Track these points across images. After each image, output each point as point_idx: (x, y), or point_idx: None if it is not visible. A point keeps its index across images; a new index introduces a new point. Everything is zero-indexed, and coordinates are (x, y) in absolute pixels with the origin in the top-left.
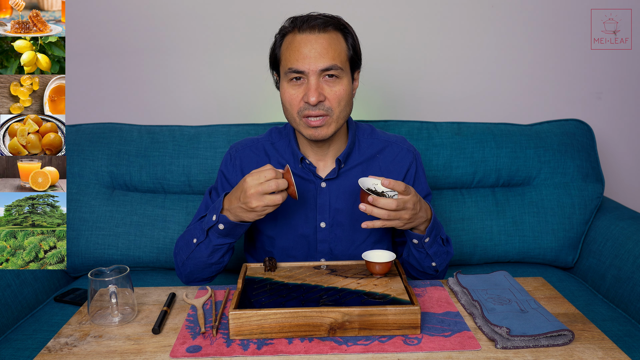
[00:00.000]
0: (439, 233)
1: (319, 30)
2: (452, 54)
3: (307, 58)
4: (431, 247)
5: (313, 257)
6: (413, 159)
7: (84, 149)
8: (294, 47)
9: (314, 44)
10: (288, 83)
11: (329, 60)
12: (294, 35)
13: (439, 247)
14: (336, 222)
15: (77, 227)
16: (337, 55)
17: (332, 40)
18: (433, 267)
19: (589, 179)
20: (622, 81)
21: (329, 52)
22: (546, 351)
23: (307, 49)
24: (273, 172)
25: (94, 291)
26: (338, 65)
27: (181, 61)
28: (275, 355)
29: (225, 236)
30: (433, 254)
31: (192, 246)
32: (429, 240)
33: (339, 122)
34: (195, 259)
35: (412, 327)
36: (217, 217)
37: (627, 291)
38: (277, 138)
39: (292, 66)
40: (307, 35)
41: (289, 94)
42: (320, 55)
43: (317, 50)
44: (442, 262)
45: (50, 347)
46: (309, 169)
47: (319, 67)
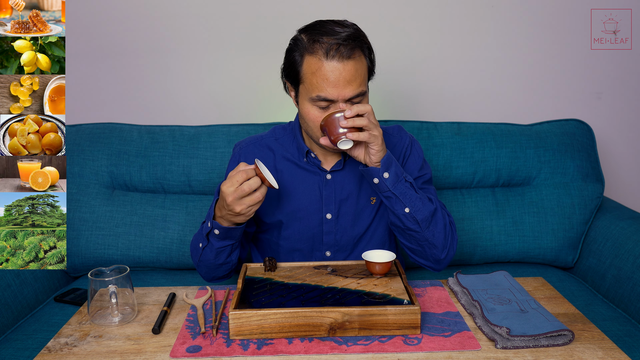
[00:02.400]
0: (401, 173)
1: (347, 58)
2: (452, 54)
3: (337, 87)
4: (395, 186)
5: (318, 249)
6: (409, 143)
7: (84, 149)
8: (322, 75)
9: (343, 72)
10: (312, 105)
11: (356, 87)
12: (320, 61)
13: (407, 189)
14: (342, 213)
15: (77, 227)
16: (362, 81)
17: (358, 66)
18: (409, 215)
19: (589, 179)
20: (622, 81)
21: (357, 79)
22: (546, 351)
23: (335, 78)
24: (244, 173)
25: (94, 291)
26: (364, 90)
27: (181, 61)
28: (275, 355)
29: (223, 239)
30: (401, 195)
31: (200, 250)
32: (389, 176)
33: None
34: (205, 262)
35: (412, 327)
36: (211, 223)
37: (627, 291)
38: (281, 134)
39: (322, 94)
40: (336, 64)
41: (314, 115)
42: (348, 83)
43: (345, 79)
44: (419, 209)
45: (50, 347)
46: (314, 163)
47: (348, 96)
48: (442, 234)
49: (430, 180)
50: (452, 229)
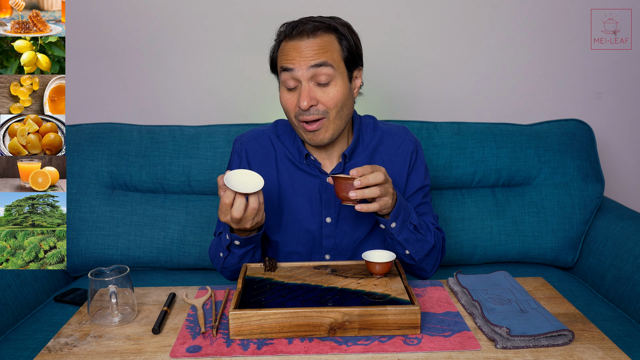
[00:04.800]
0: (407, 218)
1: (308, 36)
2: (452, 54)
3: (296, 52)
4: (400, 232)
5: (318, 253)
6: (414, 149)
7: (84, 149)
8: (285, 51)
9: (304, 48)
10: (282, 87)
11: (317, 56)
12: (286, 42)
13: (410, 233)
14: (342, 217)
15: (77, 227)
16: (326, 52)
17: (323, 44)
18: (408, 256)
19: (589, 179)
20: (622, 81)
21: (319, 53)
22: (546, 351)
23: (295, 52)
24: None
25: (94, 291)
26: (328, 62)
27: (181, 61)
28: (275, 355)
29: (244, 246)
30: (404, 241)
31: (222, 259)
32: (395, 225)
33: (337, 123)
34: (229, 267)
35: (412, 327)
36: (229, 236)
37: (627, 291)
38: (283, 130)
39: (283, 65)
40: (297, 41)
41: (285, 98)
42: (307, 51)
43: (305, 48)
44: (418, 251)
45: (50, 347)
46: (314, 165)
47: (309, 64)
48: (432, 261)
49: (429, 192)
50: (442, 250)
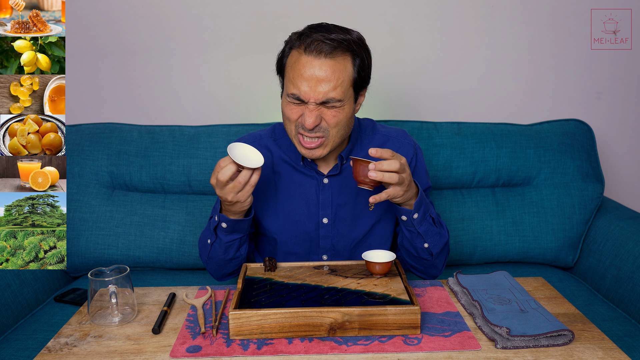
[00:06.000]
0: (427, 210)
1: (326, 56)
2: (452, 54)
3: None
4: (421, 224)
5: (315, 253)
6: (414, 154)
7: (84, 149)
8: (297, 68)
9: (317, 68)
10: (287, 99)
11: (329, 90)
12: (300, 53)
13: (430, 226)
14: (339, 218)
15: (77, 227)
16: (339, 86)
17: (338, 68)
18: (427, 249)
19: (589, 179)
20: (622, 81)
21: (332, 81)
22: (546, 351)
23: (309, 73)
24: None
25: (94, 291)
26: (336, 98)
27: (181, 61)
28: (275, 355)
29: (231, 232)
30: (424, 233)
31: (208, 247)
32: (417, 216)
33: (336, 140)
34: (215, 258)
35: (412, 327)
36: (218, 217)
37: (627, 291)
38: (281, 134)
39: (292, 92)
40: (312, 59)
41: (289, 107)
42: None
43: (318, 77)
44: (436, 244)
45: (50, 347)
46: (311, 167)
47: (318, 99)
48: (443, 257)
49: (429, 194)
50: (448, 247)
